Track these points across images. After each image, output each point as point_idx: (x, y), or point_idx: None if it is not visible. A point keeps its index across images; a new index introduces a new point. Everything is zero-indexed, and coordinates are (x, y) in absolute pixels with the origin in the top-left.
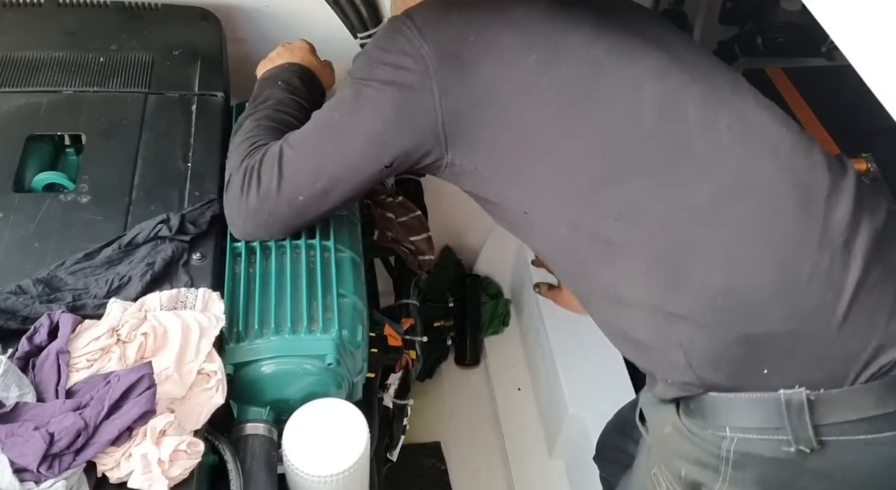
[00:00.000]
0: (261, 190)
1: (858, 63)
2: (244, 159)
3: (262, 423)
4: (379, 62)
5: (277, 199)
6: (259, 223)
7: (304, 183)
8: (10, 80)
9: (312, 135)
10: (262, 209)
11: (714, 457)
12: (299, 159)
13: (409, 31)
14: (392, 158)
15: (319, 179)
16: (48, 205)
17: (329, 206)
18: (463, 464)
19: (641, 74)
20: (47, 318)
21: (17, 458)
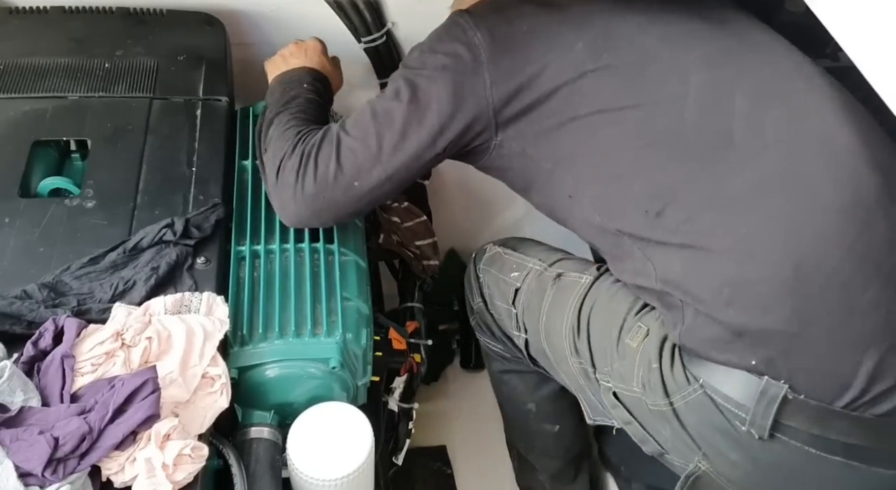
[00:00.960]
0: (318, 175)
1: (862, 64)
2: (297, 144)
3: (267, 426)
4: (433, 51)
5: (334, 185)
6: (315, 209)
7: (361, 170)
8: (17, 86)
9: (371, 122)
10: (318, 195)
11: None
12: (358, 146)
13: (464, 22)
14: (446, 143)
15: (376, 167)
16: (53, 210)
17: (383, 193)
18: (469, 467)
19: (692, 62)
20: (52, 322)
21: (21, 462)
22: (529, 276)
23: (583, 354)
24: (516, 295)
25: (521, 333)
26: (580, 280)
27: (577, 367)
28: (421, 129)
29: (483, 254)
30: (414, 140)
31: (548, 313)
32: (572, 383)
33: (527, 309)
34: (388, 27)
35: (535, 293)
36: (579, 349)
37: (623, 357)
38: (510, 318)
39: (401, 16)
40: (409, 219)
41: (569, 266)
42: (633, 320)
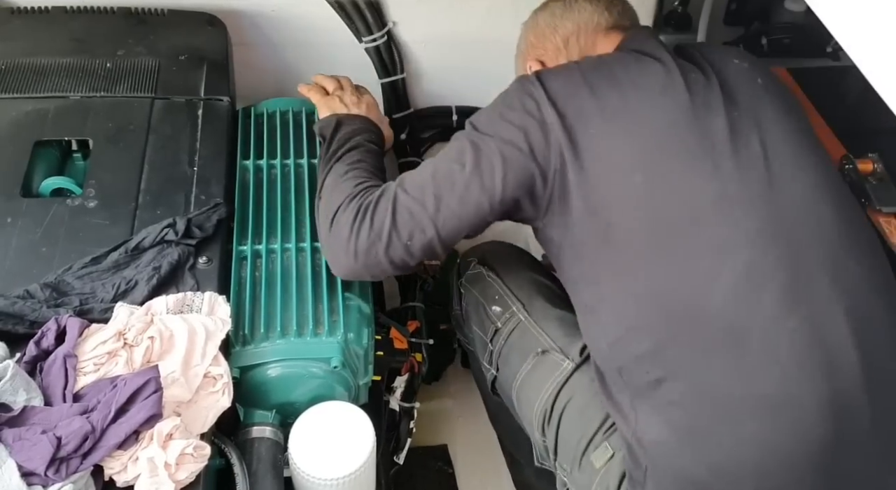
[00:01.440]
0: (373, 231)
1: (862, 63)
2: (354, 197)
3: (269, 426)
4: (503, 119)
5: (387, 243)
6: (366, 264)
7: (416, 229)
8: (18, 86)
9: (431, 183)
10: (370, 250)
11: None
12: (415, 206)
13: (539, 96)
14: (501, 213)
15: (430, 228)
16: (55, 210)
17: (433, 253)
18: (470, 467)
19: (737, 239)
20: (55, 322)
21: (24, 461)
22: (511, 323)
23: (548, 439)
24: (495, 334)
25: (491, 368)
26: (562, 364)
27: (539, 441)
28: (481, 197)
29: (466, 268)
30: (472, 206)
31: (524, 381)
32: (528, 432)
33: (503, 357)
34: (389, 27)
35: (514, 349)
36: (546, 433)
37: (583, 471)
38: (484, 348)
39: (402, 16)
40: None
41: (554, 334)
42: (602, 438)
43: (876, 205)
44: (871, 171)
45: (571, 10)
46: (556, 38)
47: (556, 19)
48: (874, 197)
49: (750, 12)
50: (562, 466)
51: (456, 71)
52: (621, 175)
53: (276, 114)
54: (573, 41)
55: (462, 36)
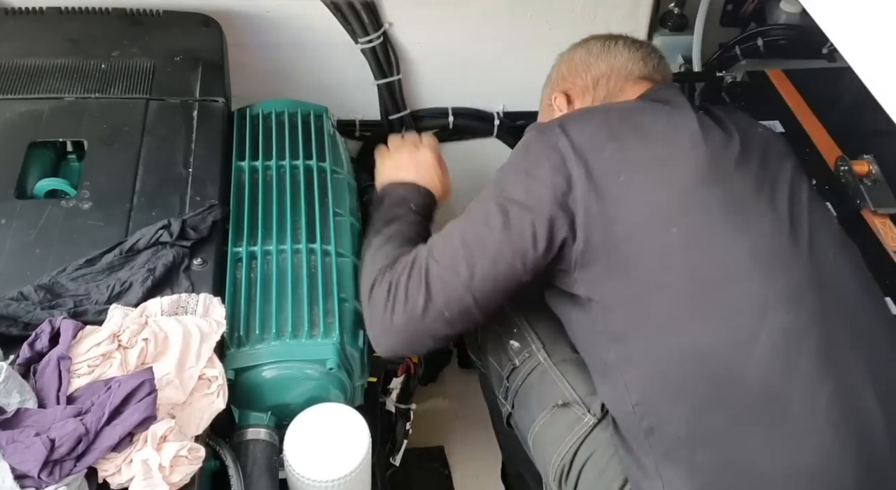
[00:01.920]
0: (407, 306)
1: (858, 65)
2: (386, 271)
3: (264, 428)
4: (528, 176)
5: (423, 316)
6: (407, 339)
7: (451, 299)
8: (13, 87)
9: (460, 248)
10: (408, 325)
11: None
12: (447, 275)
13: (565, 149)
14: (533, 274)
15: (467, 295)
16: (50, 211)
17: (472, 320)
18: (466, 468)
19: (773, 297)
20: (48, 324)
21: (17, 464)
22: (529, 363)
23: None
24: (512, 372)
25: (506, 404)
26: (583, 418)
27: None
28: (514, 258)
29: None
30: (505, 268)
31: (542, 430)
32: (544, 481)
33: (519, 397)
34: (384, 28)
35: (532, 393)
36: (563, 488)
37: None
38: (500, 382)
39: (398, 17)
40: None
41: (574, 383)
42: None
43: (871, 206)
44: (867, 172)
45: (609, 53)
46: (587, 77)
47: (592, 58)
48: (869, 198)
49: (746, 13)
50: None
51: (452, 72)
52: (657, 227)
53: (272, 115)
54: (603, 83)
55: (458, 37)
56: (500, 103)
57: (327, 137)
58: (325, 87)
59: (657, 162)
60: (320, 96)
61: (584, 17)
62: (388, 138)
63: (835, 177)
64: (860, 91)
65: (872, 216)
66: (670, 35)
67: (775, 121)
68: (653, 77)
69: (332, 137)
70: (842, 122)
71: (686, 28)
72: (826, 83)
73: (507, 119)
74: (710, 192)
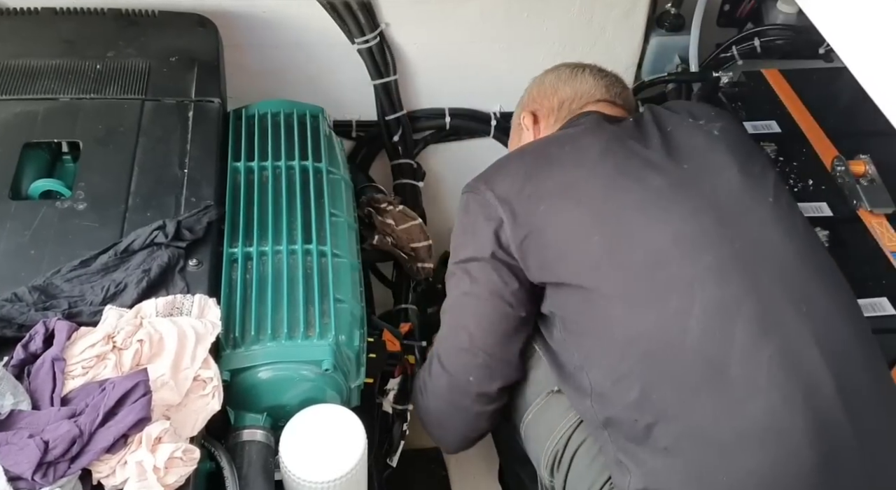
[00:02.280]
0: (439, 393)
1: (854, 66)
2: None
3: (260, 429)
4: (473, 235)
5: (458, 390)
6: (465, 423)
7: (468, 364)
8: (7, 88)
9: (452, 322)
10: (454, 410)
11: None
12: (452, 347)
13: (491, 201)
14: (523, 307)
15: (479, 352)
16: (44, 212)
17: (498, 374)
18: (463, 469)
19: (701, 273)
20: (43, 325)
21: (11, 466)
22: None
23: (556, 480)
24: None
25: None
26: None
27: (547, 480)
28: (496, 301)
29: None
30: (494, 314)
31: (535, 417)
32: (534, 465)
33: (515, 386)
34: (381, 28)
35: (529, 381)
36: (555, 476)
37: None
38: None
39: (394, 17)
40: (403, 221)
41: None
42: (608, 485)
43: (868, 206)
44: (863, 172)
45: (576, 79)
46: (554, 100)
47: (560, 83)
48: (866, 198)
49: (743, 14)
50: None
51: (449, 72)
52: (580, 240)
53: (268, 115)
54: (566, 105)
55: (455, 37)
56: (497, 103)
57: (323, 138)
58: (321, 88)
59: (567, 185)
60: (316, 97)
61: (580, 17)
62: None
63: (831, 177)
64: (857, 91)
65: (869, 216)
66: (667, 35)
67: (771, 121)
68: (614, 101)
69: (328, 138)
70: (838, 122)
71: (683, 28)
72: (823, 83)
73: (503, 119)
74: (623, 196)
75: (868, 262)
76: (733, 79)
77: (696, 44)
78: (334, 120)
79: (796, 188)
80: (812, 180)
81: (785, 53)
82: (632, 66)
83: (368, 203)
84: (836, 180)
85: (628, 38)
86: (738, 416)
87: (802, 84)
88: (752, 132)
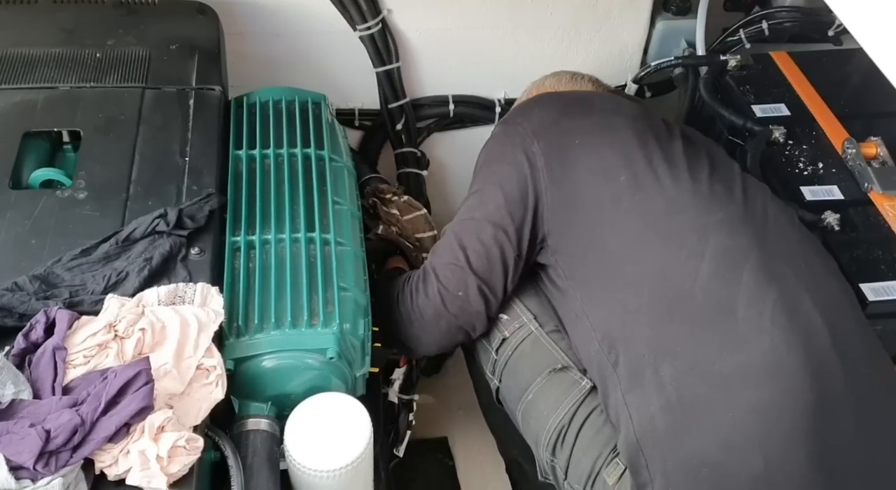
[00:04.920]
0: (429, 300)
1: (869, 46)
2: (402, 288)
3: (264, 418)
4: (498, 160)
5: (446, 303)
6: (442, 331)
7: (460, 282)
8: (7, 77)
9: (454, 239)
10: (438, 318)
11: None
12: (450, 263)
13: (523, 131)
14: (518, 247)
15: (470, 274)
16: (45, 201)
17: (488, 298)
18: (470, 459)
19: (713, 224)
20: (44, 314)
21: (12, 455)
22: (520, 333)
23: (559, 458)
24: (502, 344)
25: (493, 379)
26: (581, 382)
27: (546, 459)
28: (496, 231)
29: None
30: (491, 242)
31: (536, 396)
32: (534, 454)
33: (511, 368)
34: (383, 15)
35: (524, 362)
36: (557, 454)
37: (596, 488)
38: (486, 355)
39: (396, 3)
40: (408, 212)
41: (568, 353)
42: (613, 454)
43: (879, 189)
44: (874, 154)
45: (575, 82)
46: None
47: (561, 85)
48: (877, 180)
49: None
50: (571, 486)
51: (452, 59)
52: (608, 175)
53: (269, 103)
54: None
55: (458, 24)
56: (502, 90)
57: (326, 125)
58: (323, 76)
59: (604, 127)
60: (318, 85)
61: (585, 1)
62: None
63: (842, 160)
64: (867, 73)
65: (881, 198)
66: (674, 19)
67: (781, 104)
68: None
69: (330, 125)
70: (849, 105)
71: (689, 12)
72: (832, 66)
73: (508, 106)
74: (650, 151)
75: (880, 245)
76: (741, 62)
77: (702, 27)
78: (337, 109)
79: (806, 172)
80: (822, 163)
81: (793, 36)
82: (638, 51)
83: (373, 193)
84: (847, 163)
85: (634, 23)
86: (743, 353)
87: (812, 66)
88: (761, 115)
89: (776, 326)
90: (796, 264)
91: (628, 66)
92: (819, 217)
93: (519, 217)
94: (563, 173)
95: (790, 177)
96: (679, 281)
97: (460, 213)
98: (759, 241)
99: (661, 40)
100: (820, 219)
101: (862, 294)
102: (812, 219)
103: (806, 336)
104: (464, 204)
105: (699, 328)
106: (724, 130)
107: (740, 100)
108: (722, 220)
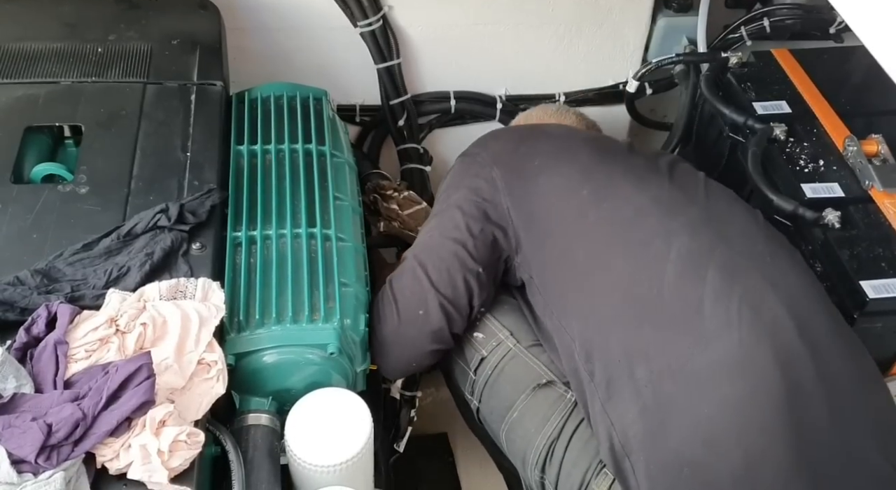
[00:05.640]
0: (386, 319)
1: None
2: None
3: (265, 413)
4: (456, 187)
5: (407, 322)
6: (404, 347)
7: (420, 300)
8: (9, 72)
9: (414, 259)
10: (399, 337)
11: None
12: (411, 282)
13: (482, 160)
14: (481, 261)
15: (431, 292)
16: (46, 196)
17: (451, 315)
18: (470, 455)
19: (675, 228)
20: (45, 308)
21: (14, 449)
22: (499, 351)
23: (548, 474)
24: (480, 363)
25: (473, 399)
26: (566, 396)
27: (534, 477)
28: (454, 246)
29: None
30: (451, 257)
31: (521, 414)
32: (520, 473)
33: (491, 388)
34: (384, 11)
35: (505, 380)
36: (546, 470)
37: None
38: (464, 377)
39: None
40: (409, 206)
41: (550, 367)
42: (601, 465)
43: (881, 186)
44: (876, 152)
45: (560, 115)
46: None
47: (547, 117)
48: (878, 178)
49: None
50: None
51: (453, 55)
52: (570, 190)
53: (271, 98)
54: None
55: (459, 20)
56: (503, 87)
57: (327, 121)
58: (324, 72)
59: (561, 148)
60: (319, 81)
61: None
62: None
63: (843, 157)
64: (868, 71)
65: (882, 196)
66: (675, 16)
67: (782, 101)
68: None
69: (331, 121)
70: (850, 102)
71: (691, 9)
72: (834, 63)
73: (509, 102)
74: (609, 166)
75: (880, 243)
76: (742, 59)
77: (704, 24)
78: (338, 105)
79: (807, 169)
80: (823, 161)
81: (795, 33)
82: (639, 48)
83: (374, 189)
84: (848, 160)
85: (635, 19)
86: (712, 350)
87: (813, 64)
88: (762, 113)
89: (743, 321)
90: (761, 260)
91: (629, 62)
92: (820, 214)
93: (477, 230)
94: (524, 193)
95: (791, 174)
96: (647, 285)
97: (418, 237)
98: (722, 239)
99: (663, 37)
100: (821, 216)
101: (862, 291)
102: (813, 216)
103: (772, 329)
104: (423, 228)
105: (669, 330)
106: (724, 128)
107: (741, 97)
108: (684, 223)
